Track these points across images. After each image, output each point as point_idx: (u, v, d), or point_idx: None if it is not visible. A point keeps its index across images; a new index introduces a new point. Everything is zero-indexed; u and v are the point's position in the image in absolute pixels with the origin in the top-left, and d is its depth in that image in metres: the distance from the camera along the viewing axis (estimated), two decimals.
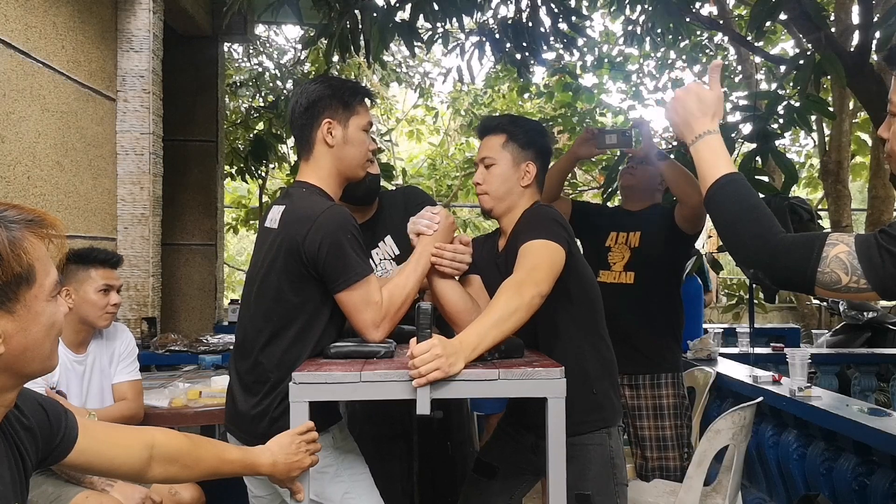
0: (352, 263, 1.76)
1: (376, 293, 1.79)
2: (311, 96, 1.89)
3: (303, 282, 1.79)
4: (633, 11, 5.05)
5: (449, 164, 10.97)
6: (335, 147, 1.89)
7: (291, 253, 1.77)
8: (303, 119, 1.90)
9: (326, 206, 1.79)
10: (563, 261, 1.84)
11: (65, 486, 2.27)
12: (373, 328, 1.79)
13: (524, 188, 2.03)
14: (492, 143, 2.05)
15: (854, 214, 8.77)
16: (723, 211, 1.34)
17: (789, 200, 3.48)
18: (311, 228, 1.74)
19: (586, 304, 2.02)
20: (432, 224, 1.94)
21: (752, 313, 4.74)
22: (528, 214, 2.00)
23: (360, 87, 1.97)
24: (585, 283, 2.02)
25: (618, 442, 1.99)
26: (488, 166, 2.04)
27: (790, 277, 1.25)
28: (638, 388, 2.83)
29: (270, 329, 1.82)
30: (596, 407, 1.95)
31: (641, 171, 2.94)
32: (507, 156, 2.03)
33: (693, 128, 1.42)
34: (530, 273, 1.77)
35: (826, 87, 6.97)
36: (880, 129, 1.32)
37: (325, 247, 1.74)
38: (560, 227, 1.90)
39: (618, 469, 1.95)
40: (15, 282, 1.06)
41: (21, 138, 3.31)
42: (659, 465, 2.80)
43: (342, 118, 1.89)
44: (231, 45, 7.49)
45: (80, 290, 2.48)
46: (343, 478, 1.83)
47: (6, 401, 1.14)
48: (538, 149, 2.06)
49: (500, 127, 2.06)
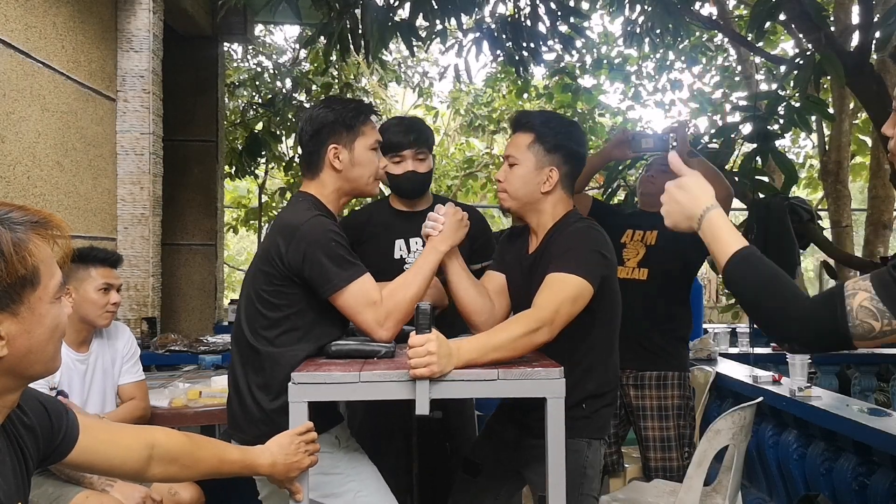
0: (335, 270, 1.79)
1: (373, 292, 1.81)
2: (316, 123, 1.93)
3: (286, 287, 1.82)
4: (632, 11, 5.05)
5: (449, 163, 10.97)
6: (343, 170, 1.93)
7: (273, 259, 1.81)
8: (310, 145, 1.95)
9: (309, 216, 1.82)
10: (587, 299, 1.82)
11: (65, 486, 2.27)
12: (376, 327, 1.80)
13: (544, 194, 1.99)
14: (518, 142, 2.01)
15: (854, 214, 8.77)
16: (742, 291, 1.32)
17: (789, 200, 3.49)
18: (294, 238, 1.79)
19: (607, 328, 2.00)
20: (437, 225, 1.96)
21: None
22: (570, 232, 1.93)
23: (364, 107, 1.99)
24: (613, 308, 2.00)
25: (596, 455, 1.98)
26: (511, 165, 2.00)
27: (825, 341, 1.22)
28: (643, 387, 2.83)
29: (259, 330, 1.85)
30: (582, 418, 1.94)
31: (662, 178, 2.95)
32: (530, 157, 1.98)
33: (692, 215, 1.41)
34: (551, 313, 1.76)
35: (826, 87, 6.97)
36: (884, 126, 1.30)
37: (309, 256, 1.78)
38: (597, 258, 1.87)
39: (587, 480, 1.95)
40: (19, 283, 1.06)
41: (21, 138, 3.31)
42: (662, 465, 2.80)
43: (347, 141, 1.93)
44: (230, 46, 7.49)
45: (81, 289, 2.48)
46: (352, 477, 1.84)
47: (9, 402, 1.14)
48: (566, 153, 1.99)
49: (529, 125, 2.00)
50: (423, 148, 2.49)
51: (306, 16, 4.31)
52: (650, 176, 3.00)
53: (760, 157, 3.46)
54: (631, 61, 8.85)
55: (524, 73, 4.69)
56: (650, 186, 2.99)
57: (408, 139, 2.44)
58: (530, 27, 4.28)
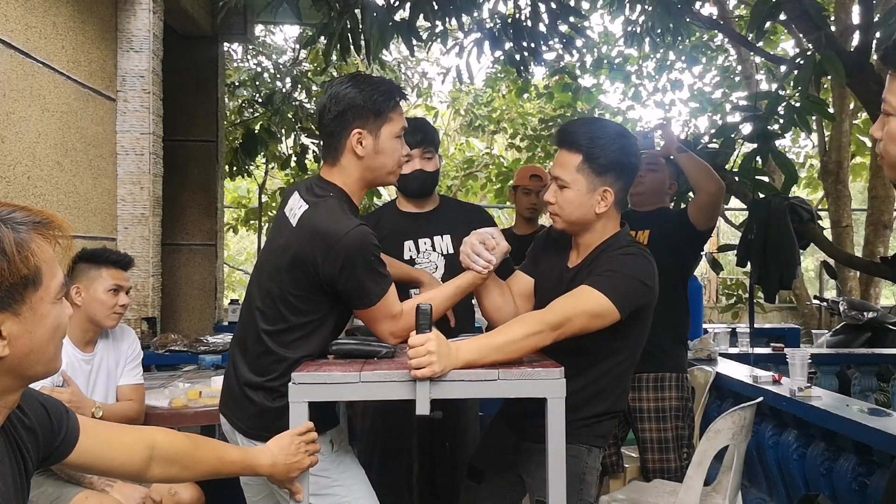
0: (372, 286, 1.76)
1: (395, 306, 1.80)
2: (342, 103, 1.80)
3: (314, 294, 1.78)
4: (632, 11, 5.05)
5: (449, 163, 10.96)
6: (365, 157, 1.82)
7: (306, 265, 1.74)
8: (332, 126, 1.82)
9: (350, 226, 1.72)
10: (608, 321, 1.77)
11: (65, 487, 2.27)
12: (390, 337, 1.82)
13: (598, 215, 1.89)
14: (566, 161, 1.88)
15: (854, 214, 8.77)
16: None
17: (789, 200, 3.48)
18: (332, 250, 1.70)
19: (632, 353, 1.95)
20: (488, 265, 1.88)
21: (751, 313, 4.74)
22: (617, 255, 1.86)
23: (394, 90, 1.86)
24: (642, 335, 1.96)
25: (595, 461, 1.96)
26: (561, 187, 1.88)
27: None
28: (640, 388, 2.83)
29: (278, 333, 1.81)
30: (584, 426, 1.91)
31: (651, 177, 2.98)
32: (581, 180, 1.86)
33: None
34: (561, 318, 1.72)
35: (826, 87, 6.97)
36: (873, 128, 1.31)
37: (346, 270, 1.72)
38: (637, 287, 1.81)
39: (586, 486, 1.92)
40: (21, 283, 1.06)
41: (21, 138, 3.31)
42: (660, 466, 2.81)
43: (373, 128, 1.81)
44: (230, 46, 7.49)
45: (90, 289, 2.49)
46: (339, 482, 1.82)
47: (9, 402, 1.14)
48: (619, 170, 1.88)
49: (576, 144, 1.87)
50: (430, 147, 2.50)
51: (306, 16, 4.31)
52: (639, 175, 3.01)
53: (760, 157, 3.46)
54: (631, 61, 8.85)
55: (524, 72, 4.69)
56: (640, 185, 3.00)
57: (415, 138, 2.42)
58: (531, 27, 4.28)
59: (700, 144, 3.87)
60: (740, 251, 3.64)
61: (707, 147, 3.81)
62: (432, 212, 2.56)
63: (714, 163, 3.27)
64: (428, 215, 2.54)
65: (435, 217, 2.54)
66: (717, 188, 2.82)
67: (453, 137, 12.02)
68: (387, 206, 2.71)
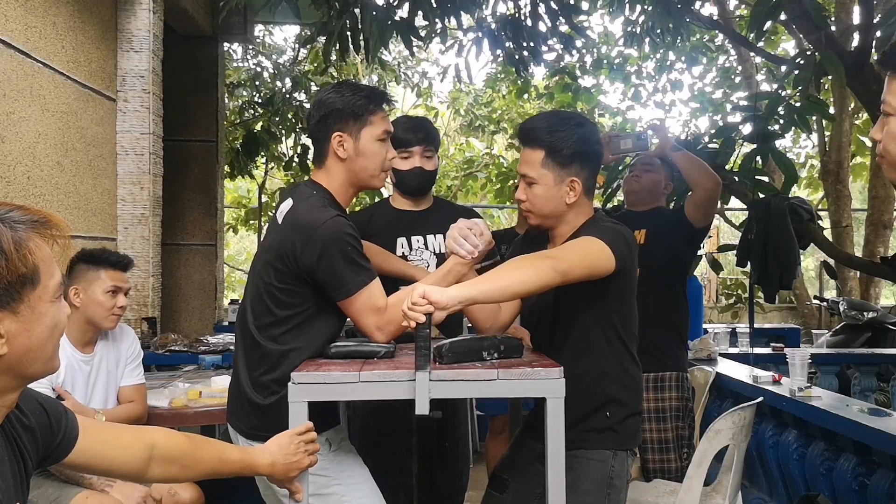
0: (349, 275, 1.77)
1: (379, 299, 1.80)
2: (323, 108, 1.88)
3: (297, 286, 1.80)
4: (632, 11, 5.05)
5: (449, 163, 10.96)
6: (347, 160, 1.88)
7: (287, 256, 1.78)
8: (316, 130, 1.90)
9: (327, 216, 1.77)
10: (604, 261, 1.76)
11: (65, 487, 2.27)
12: (376, 331, 1.81)
13: (570, 205, 1.91)
14: (531, 158, 1.90)
15: (854, 214, 8.78)
16: None
17: (789, 200, 3.49)
18: (310, 239, 1.75)
19: (625, 335, 1.94)
20: (473, 251, 1.88)
21: (751, 313, 4.75)
22: (595, 227, 1.88)
23: (375, 94, 1.91)
24: (630, 316, 1.96)
25: (623, 465, 1.90)
26: (529, 184, 1.91)
27: None
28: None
29: (266, 327, 1.83)
30: (607, 429, 1.88)
31: (647, 177, 2.99)
32: (547, 174, 1.88)
33: None
34: (556, 251, 1.73)
35: (826, 87, 6.97)
36: (872, 130, 1.31)
37: (324, 259, 1.75)
38: (623, 242, 1.83)
39: (615, 491, 1.86)
40: (19, 282, 1.06)
41: (21, 138, 3.31)
42: (660, 466, 2.81)
43: (353, 130, 1.87)
44: (230, 46, 7.49)
45: (89, 290, 2.49)
46: (339, 480, 1.82)
47: (8, 402, 1.14)
48: (584, 159, 1.90)
49: (538, 140, 1.89)
50: (431, 146, 2.51)
51: (306, 15, 4.31)
52: (634, 175, 3.04)
53: (760, 157, 3.46)
54: (631, 61, 8.85)
55: (524, 72, 4.69)
56: (635, 185, 3.02)
57: (417, 136, 2.46)
58: (530, 27, 4.28)
59: (700, 144, 3.87)
60: (740, 251, 3.64)
61: (707, 147, 3.81)
62: (426, 211, 2.57)
63: (714, 163, 3.28)
64: (422, 214, 2.56)
65: (429, 216, 2.55)
66: (714, 184, 2.83)
67: (453, 137, 12.01)
68: (381, 203, 2.72)
